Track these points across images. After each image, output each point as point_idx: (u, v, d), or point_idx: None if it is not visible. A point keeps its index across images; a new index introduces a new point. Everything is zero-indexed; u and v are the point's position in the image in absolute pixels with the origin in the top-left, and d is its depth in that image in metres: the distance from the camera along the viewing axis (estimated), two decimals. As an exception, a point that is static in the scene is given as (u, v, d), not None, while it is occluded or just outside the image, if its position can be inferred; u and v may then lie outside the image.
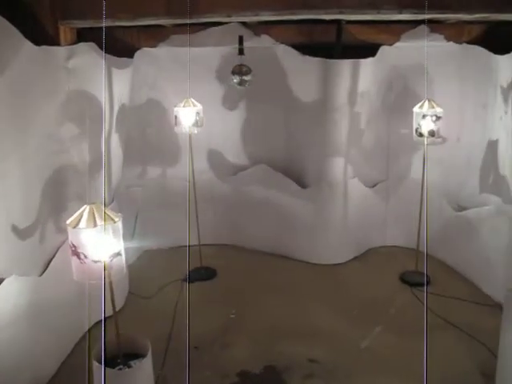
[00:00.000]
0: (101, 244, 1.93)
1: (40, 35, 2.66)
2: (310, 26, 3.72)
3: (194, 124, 3.66)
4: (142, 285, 3.77)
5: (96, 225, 1.90)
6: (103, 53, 2.87)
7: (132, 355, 2.34)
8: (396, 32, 3.79)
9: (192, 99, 3.63)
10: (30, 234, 2.56)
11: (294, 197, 4.21)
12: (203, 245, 4.03)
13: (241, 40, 3.63)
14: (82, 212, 1.94)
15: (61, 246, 2.81)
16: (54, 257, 2.77)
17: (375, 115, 4.17)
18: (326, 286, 3.89)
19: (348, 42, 3.74)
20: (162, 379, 2.74)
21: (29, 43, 2.41)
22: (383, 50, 3.83)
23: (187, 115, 3.63)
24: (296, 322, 3.38)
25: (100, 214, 1.92)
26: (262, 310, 3.53)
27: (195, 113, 3.65)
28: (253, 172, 4.36)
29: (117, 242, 2.00)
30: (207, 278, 3.97)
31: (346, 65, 3.75)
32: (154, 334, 2.59)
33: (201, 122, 3.69)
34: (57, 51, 2.73)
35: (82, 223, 1.91)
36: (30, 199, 2.57)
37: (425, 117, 3.49)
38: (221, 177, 4.46)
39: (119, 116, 3.55)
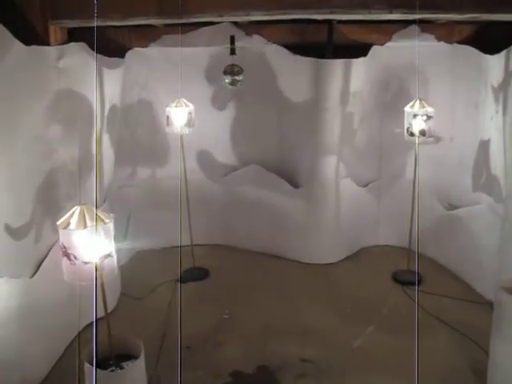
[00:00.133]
0: (91, 245, 1.92)
1: (30, 35, 2.65)
2: (302, 25, 3.73)
3: (185, 124, 3.65)
4: (135, 285, 3.76)
5: (86, 226, 1.89)
6: (95, 53, 2.85)
7: (124, 356, 2.33)
8: (387, 32, 3.80)
9: (184, 99, 3.62)
10: (21, 236, 2.54)
11: (286, 197, 4.21)
12: (196, 245, 4.02)
13: (232, 40, 3.63)
14: (73, 213, 1.93)
15: (52, 247, 2.79)
16: (45, 258, 2.75)
17: (367, 115, 4.18)
18: (318, 285, 3.90)
19: (339, 41, 3.75)
20: (156, 380, 2.73)
21: (18, 43, 2.38)
22: (375, 49, 3.84)
23: (179, 115, 3.63)
24: (288, 321, 3.39)
25: (91, 214, 1.91)
26: (254, 309, 3.53)
27: (187, 113, 3.64)
28: (245, 172, 4.36)
29: (108, 243, 1.99)
30: (200, 279, 3.97)
31: (338, 64, 3.76)
32: (146, 335, 2.57)
33: (192, 123, 3.68)
34: (47, 51, 2.70)
35: (72, 224, 1.90)
36: (19, 201, 2.54)
37: (416, 116, 3.51)
38: (213, 177, 4.45)
39: (110, 116, 3.52)
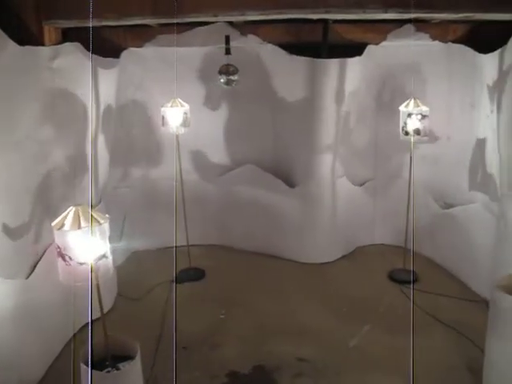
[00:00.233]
0: (86, 246, 1.91)
1: (24, 35, 2.64)
2: (297, 25, 3.73)
3: (181, 124, 3.65)
4: (131, 286, 3.75)
5: (80, 227, 1.88)
6: (90, 53, 2.84)
7: (121, 357, 2.32)
8: (382, 31, 3.81)
9: (179, 99, 3.62)
10: (17, 236, 2.53)
11: (282, 196, 4.21)
12: (191, 245, 4.02)
13: (227, 40, 3.63)
14: (68, 214, 1.93)
15: (47, 247, 2.78)
16: (40, 259, 2.74)
17: (363, 114, 4.19)
18: (314, 284, 3.90)
19: (335, 41, 3.76)
20: (153, 380, 2.72)
21: (13, 43, 2.38)
22: (370, 49, 3.84)
23: (174, 115, 3.62)
24: (285, 321, 3.38)
25: (85, 215, 1.90)
26: (250, 309, 3.53)
27: (182, 113, 3.64)
28: (241, 172, 4.35)
29: (103, 243, 1.98)
30: (196, 279, 3.96)
31: (333, 64, 3.76)
32: (143, 336, 2.57)
33: (188, 122, 3.68)
34: (41, 51, 2.70)
35: (67, 225, 1.89)
36: (15, 202, 2.53)
37: (410, 115, 3.51)
38: (209, 177, 4.45)
39: (105, 116, 3.52)
